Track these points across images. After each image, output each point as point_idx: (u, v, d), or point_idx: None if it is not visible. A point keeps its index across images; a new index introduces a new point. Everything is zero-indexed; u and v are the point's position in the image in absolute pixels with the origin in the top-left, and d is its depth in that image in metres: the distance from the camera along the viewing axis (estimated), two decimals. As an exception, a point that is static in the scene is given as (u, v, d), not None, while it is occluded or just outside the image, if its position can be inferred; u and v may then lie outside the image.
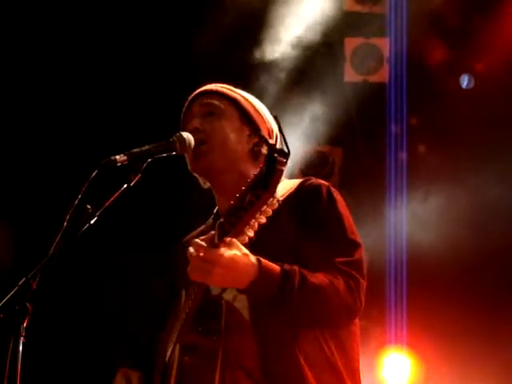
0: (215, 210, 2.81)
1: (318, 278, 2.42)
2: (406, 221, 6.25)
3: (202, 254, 2.26)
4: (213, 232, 2.27)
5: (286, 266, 2.39)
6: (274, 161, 2.14)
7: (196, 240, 2.29)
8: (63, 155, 6.02)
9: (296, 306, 2.39)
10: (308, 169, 6.16)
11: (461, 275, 6.01)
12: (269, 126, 2.81)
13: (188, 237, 2.92)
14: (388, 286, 6.32)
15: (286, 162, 2.16)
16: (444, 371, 6.16)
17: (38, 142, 6.11)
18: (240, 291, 2.39)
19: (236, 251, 2.27)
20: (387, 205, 6.29)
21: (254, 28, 5.96)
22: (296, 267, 2.40)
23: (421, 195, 6.21)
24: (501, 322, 6.00)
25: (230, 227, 2.22)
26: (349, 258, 2.51)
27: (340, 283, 2.45)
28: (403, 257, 6.31)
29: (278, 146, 2.80)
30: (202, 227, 2.87)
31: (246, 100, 2.81)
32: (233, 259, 2.27)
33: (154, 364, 2.66)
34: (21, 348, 2.28)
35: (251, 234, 2.24)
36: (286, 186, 2.64)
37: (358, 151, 6.54)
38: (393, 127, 6.44)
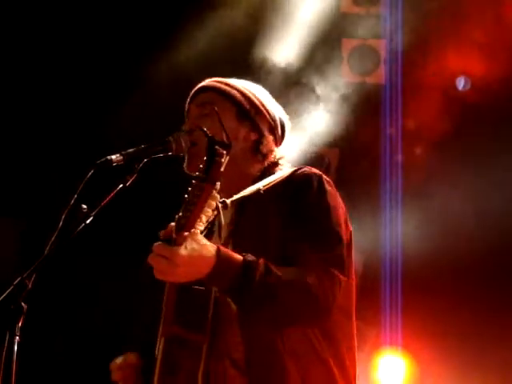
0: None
1: (287, 273, 2.36)
2: (402, 222, 6.26)
3: (162, 254, 2.25)
4: (173, 224, 2.27)
5: (249, 258, 2.34)
6: (214, 153, 2.17)
7: (158, 243, 2.28)
8: (68, 155, 6.03)
9: (255, 299, 2.34)
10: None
11: (455, 277, 6.03)
12: (271, 115, 2.77)
13: None
14: (383, 287, 6.33)
15: (226, 154, 2.19)
16: (438, 372, 6.17)
17: (45, 142, 6.12)
18: (200, 281, 2.35)
19: (194, 245, 2.25)
20: (383, 206, 6.30)
21: (252, 28, 5.97)
22: (262, 260, 2.34)
23: (416, 197, 6.22)
24: (495, 323, 6.01)
25: (184, 221, 2.22)
26: (328, 253, 2.45)
27: (313, 280, 2.37)
28: (398, 259, 6.31)
29: (282, 134, 2.81)
30: None
31: (244, 94, 2.76)
32: (191, 255, 2.24)
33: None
34: (16, 348, 2.28)
35: (202, 227, 2.24)
36: (278, 175, 2.63)
37: (354, 152, 6.55)
38: (388, 129, 6.45)
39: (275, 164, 2.75)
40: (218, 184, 2.20)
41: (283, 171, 2.67)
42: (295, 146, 5.97)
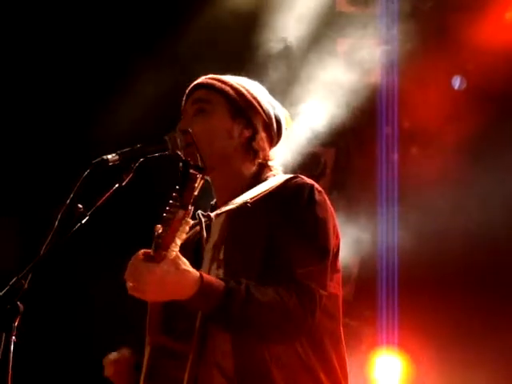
0: (214, 202, 2.80)
1: (267, 295, 2.39)
2: (398, 222, 6.26)
3: (135, 268, 2.26)
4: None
5: (230, 284, 2.36)
6: (187, 177, 2.17)
7: (136, 255, 2.29)
8: (60, 153, 6.02)
9: (236, 324, 2.39)
10: (300, 170, 6.14)
11: (452, 276, 6.03)
12: (266, 112, 2.77)
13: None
14: (379, 286, 6.33)
15: (201, 177, 2.19)
16: (435, 372, 6.17)
17: (45, 141, 6.11)
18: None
19: (171, 268, 2.26)
20: (379, 206, 6.30)
21: (247, 27, 5.97)
22: (243, 284, 2.37)
23: (412, 196, 6.22)
24: (492, 322, 6.01)
25: (160, 240, 2.22)
26: (310, 268, 2.46)
27: (292, 299, 2.41)
28: (395, 258, 6.31)
29: (278, 131, 2.80)
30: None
31: (238, 91, 2.75)
32: (163, 277, 2.24)
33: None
34: (12, 348, 2.28)
35: (176, 249, 2.23)
36: (269, 184, 2.63)
37: (351, 152, 6.54)
38: (384, 128, 6.45)
39: (266, 166, 2.74)
40: (191, 209, 2.20)
41: (275, 179, 2.66)
42: (290, 145, 5.96)
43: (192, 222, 2.24)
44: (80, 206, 2.46)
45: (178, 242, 2.22)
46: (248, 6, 6.03)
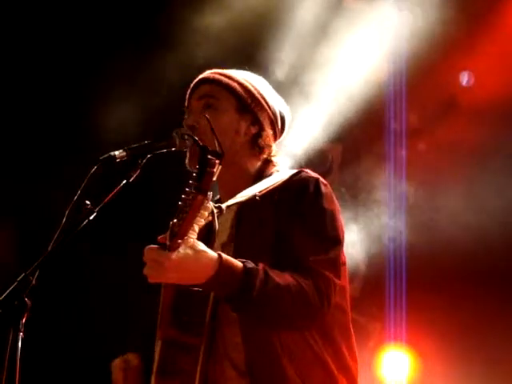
0: (217, 197, 2.79)
1: (285, 279, 2.39)
2: (406, 219, 6.25)
3: (152, 257, 2.25)
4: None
5: (249, 264, 2.36)
6: (206, 163, 2.16)
7: (149, 246, 2.28)
8: (67, 153, 6.03)
9: (255, 305, 2.36)
10: (307, 166, 6.13)
11: (460, 273, 6.01)
12: (271, 109, 2.76)
13: None
14: (387, 283, 6.33)
15: (219, 163, 2.18)
16: (443, 368, 6.17)
17: (44, 141, 6.12)
18: (199, 286, 2.36)
19: (188, 251, 2.25)
20: (387, 202, 6.29)
21: (255, 24, 5.96)
22: (261, 266, 2.37)
23: (420, 193, 6.21)
24: (500, 320, 6.00)
25: (177, 229, 2.21)
26: (323, 257, 2.47)
27: (309, 284, 2.40)
28: (402, 254, 6.31)
29: (281, 127, 2.80)
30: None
31: (244, 87, 2.74)
32: (182, 261, 2.24)
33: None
34: (20, 344, 2.28)
35: (194, 236, 2.24)
36: (275, 178, 2.62)
37: (358, 148, 6.53)
38: (392, 124, 6.44)
39: (270, 162, 2.74)
40: (210, 194, 2.20)
41: (280, 174, 2.66)
42: (298, 142, 5.97)
43: (211, 206, 2.22)
44: (88, 202, 2.46)
45: (196, 228, 2.22)
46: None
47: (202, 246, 2.30)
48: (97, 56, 6.10)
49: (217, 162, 2.18)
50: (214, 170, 2.17)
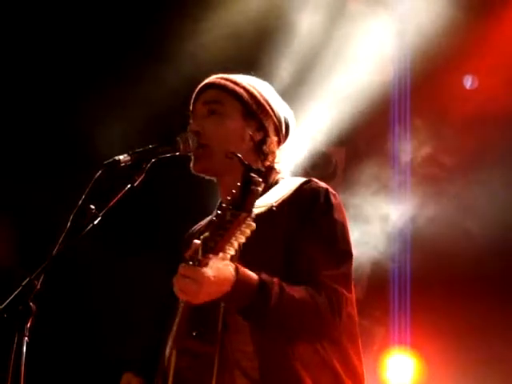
0: (219, 202, 2.79)
1: (299, 292, 2.42)
2: (410, 221, 6.24)
3: (188, 275, 2.24)
4: (197, 242, 2.25)
5: (265, 277, 2.37)
6: (250, 182, 2.14)
7: (183, 264, 2.27)
8: (67, 154, 6.03)
9: (270, 318, 2.39)
10: (311, 169, 6.14)
11: (464, 276, 6.01)
12: (276, 115, 2.76)
13: (194, 228, 2.92)
14: (392, 287, 6.32)
15: (262, 181, 2.16)
16: (447, 371, 6.16)
17: (44, 141, 6.12)
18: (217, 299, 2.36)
19: (218, 264, 2.26)
20: (391, 205, 6.28)
21: (261, 26, 5.96)
22: (276, 279, 2.38)
23: (424, 195, 6.20)
24: (504, 322, 5.99)
25: (212, 244, 2.21)
26: (335, 271, 2.49)
27: (321, 299, 2.44)
28: (407, 258, 6.30)
29: (286, 133, 2.78)
30: (209, 218, 2.83)
31: (250, 93, 2.73)
32: (216, 276, 2.25)
33: (157, 367, 2.65)
34: (25, 348, 2.28)
35: (232, 252, 2.23)
36: (285, 187, 2.62)
37: (361, 152, 6.52)
38: (397, 127, 6.43)
39: (273, 169, 2.73)
40: (254, 213, 2.18)
41: (288, 182, 2.66)
42: (301, 145, 5.96)
43: (254, 225, 2.21)
44: (92, 206, 2.46)
45: (236, 244, 2.21)
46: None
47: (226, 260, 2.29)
48: (97, 59, 6.11)
49: (261, 180, 2.16)
50: (260, 188, 2.16)
